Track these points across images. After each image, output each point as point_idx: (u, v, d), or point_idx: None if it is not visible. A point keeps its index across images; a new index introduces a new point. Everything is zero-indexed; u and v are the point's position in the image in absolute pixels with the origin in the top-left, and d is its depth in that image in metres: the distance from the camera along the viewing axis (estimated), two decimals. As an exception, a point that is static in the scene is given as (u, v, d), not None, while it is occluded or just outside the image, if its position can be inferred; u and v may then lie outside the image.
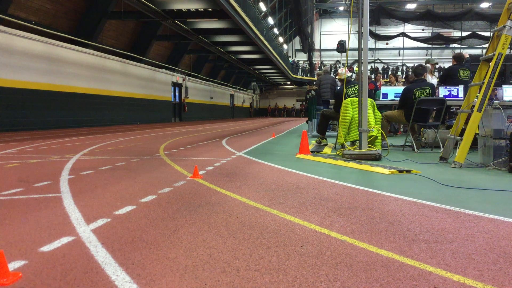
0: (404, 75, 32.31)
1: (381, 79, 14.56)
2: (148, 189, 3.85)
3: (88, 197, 3.49)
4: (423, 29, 47.73)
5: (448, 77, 8.99)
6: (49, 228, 2.55)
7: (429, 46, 49.65)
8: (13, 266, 1.92)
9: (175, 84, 29.65)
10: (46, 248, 2.18)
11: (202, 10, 20.27)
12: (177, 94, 30.19)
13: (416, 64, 8.31)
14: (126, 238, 2.35)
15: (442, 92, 8.23)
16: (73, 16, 18.76)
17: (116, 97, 21.29)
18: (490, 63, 5.35)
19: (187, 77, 31.43)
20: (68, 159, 6.12)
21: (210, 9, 19.86)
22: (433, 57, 45.57)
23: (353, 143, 7.23)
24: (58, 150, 7.45)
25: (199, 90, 34.55)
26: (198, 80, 34.51)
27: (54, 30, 17.12)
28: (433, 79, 10.23)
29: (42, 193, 3.63)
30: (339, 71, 8.40)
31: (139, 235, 2.42)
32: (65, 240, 2.32)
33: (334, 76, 12.86)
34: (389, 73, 19.14)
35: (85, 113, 18.69)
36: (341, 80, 8.07)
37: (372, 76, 16.69)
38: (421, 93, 7.45)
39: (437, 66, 16.50)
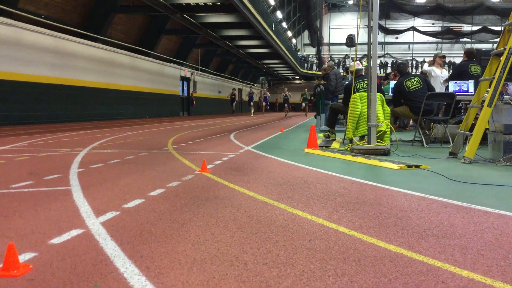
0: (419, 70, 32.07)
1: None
2: (157, 182, 3.87)
3: (97, 190, 3.51)
4: (433, 23, 47.31)
5: (459, 74, 8.91)
6: (59, 221, 2.58)
7: (439, 40, 49.24)
8: (23, 258, 1.94)
9: (184, 78, 29.66)
10: (56, 240, 2.20)
11: (210, 4, 20.24)
12: (185, 88, 30.21)
13: (398, 62, 8.52)
14: (135, 231, 2.37)
15: (452, 87, 8.17)
16: (82, 10, 18.82)
17: (124, 91, 21.35)
18: (501, 58, 5.29)
19: (196, 71, 31.42)
20: (78, 153, 6.16)
21: (219, 3, 19.83)
22: (442, 52, 45.20)
23: (361, 138, 7.21)
24: (68, 144, 7.50)
25: (207, 84, 34.56)
26: (207, 74, 34.51)
27: (63, 24, 17.18)
28: (442, 72, 10.09)
29: (52, 186, 3.66)
30: (351, 63, 8.40)
31: (147, 228, 2.44)
32: (74, 232, 2.34)
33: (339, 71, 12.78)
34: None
35: (94, 107, 18.78)
36: (351, 72, 8.06)
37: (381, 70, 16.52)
38: (411, 83, 7.68)
39: (447, 61, 16.36)
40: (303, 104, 29.25)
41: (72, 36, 17.37)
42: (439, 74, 9.80)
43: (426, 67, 10.56)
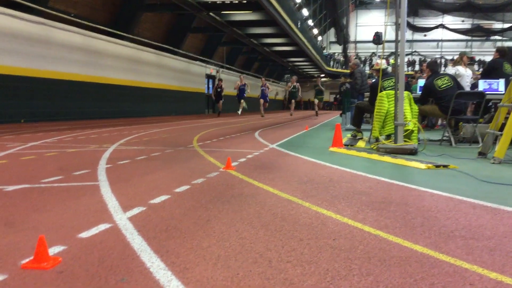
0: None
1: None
2: (182, 179, 3.91)
3: (125, 186, 3.57)
4: (463, 21, 46.26)
5: (492, 70, 8.70)
6: (88, 215, 2.63)
7: (469, 38, 48.16)
8: (53, 251, 1.99)
9: (209, 76, 29.82)
10: (84, 234, 2.25)
11: (236, 1, 20.29)
12: (210, 86, 30.37)
13: (431, 60, 8.32)
14: (161, 227, 2.40)
15: (482, 85, 7.99)
16: (110, 9, 19.14)
17: (151, 89, 21.62)
18: (534, 56, 5.15)
19: (221, 69, 31.54)
20: (106, 149, 6.27)
21: (245, 1, 19.86)
22: (472, 50, 44.27)
23: (388, 136, 7.12)
24: (96, 140, 7.65)
25: (232, 82, 34.62)
26: (232, 72, 34.60)
27: (92, 22, 17.48)
28: (467, 71, 9.87)
29: (80, 181, 3.74)
30: (378, 61, 8.28)
31: (173, 224, 2.47)
32: (102, 227, 2.39)
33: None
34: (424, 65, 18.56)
35: (121, 104, 19.08)
36: (378, 71, 7.94)
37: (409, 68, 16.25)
38: (442, 82, 7.51)
39: (476, 59, 15.98)
40: (316, 101, 23.44)
41: (100, 34, 17.68)
42: (465, 73, 9.59)
43: (450, 69, 10.32)
